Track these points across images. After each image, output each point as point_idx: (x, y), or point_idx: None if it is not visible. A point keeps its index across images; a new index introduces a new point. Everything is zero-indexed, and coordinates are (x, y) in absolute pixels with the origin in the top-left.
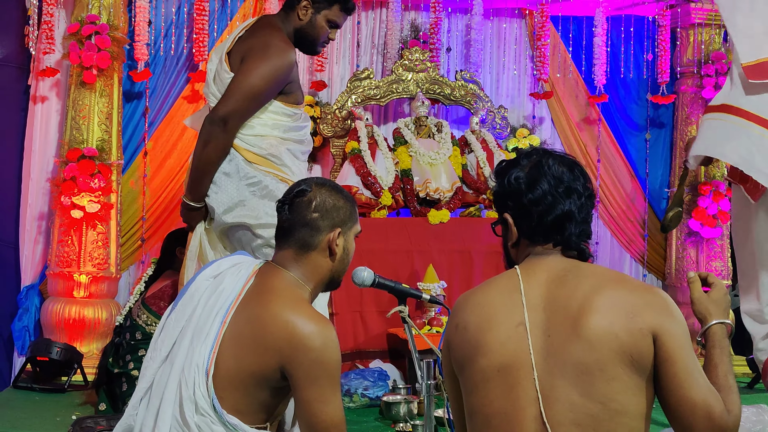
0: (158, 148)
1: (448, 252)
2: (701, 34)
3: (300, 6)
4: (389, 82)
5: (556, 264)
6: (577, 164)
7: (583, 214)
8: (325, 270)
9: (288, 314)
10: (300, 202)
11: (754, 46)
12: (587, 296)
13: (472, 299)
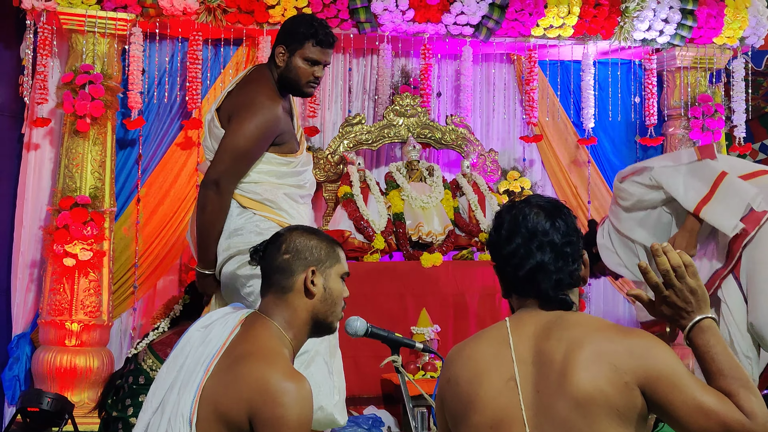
0: (151, 194)
1: (441, 295)
2: (687, 77)
3: (276, 53)
4: (381, 127)
5: (542, 316)
6: (559, 212)
7: (561, 263)
8: (305, 312)
9: (263, 369)
10: (272, 248)
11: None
12: (571, 350)
13: (463, 353)
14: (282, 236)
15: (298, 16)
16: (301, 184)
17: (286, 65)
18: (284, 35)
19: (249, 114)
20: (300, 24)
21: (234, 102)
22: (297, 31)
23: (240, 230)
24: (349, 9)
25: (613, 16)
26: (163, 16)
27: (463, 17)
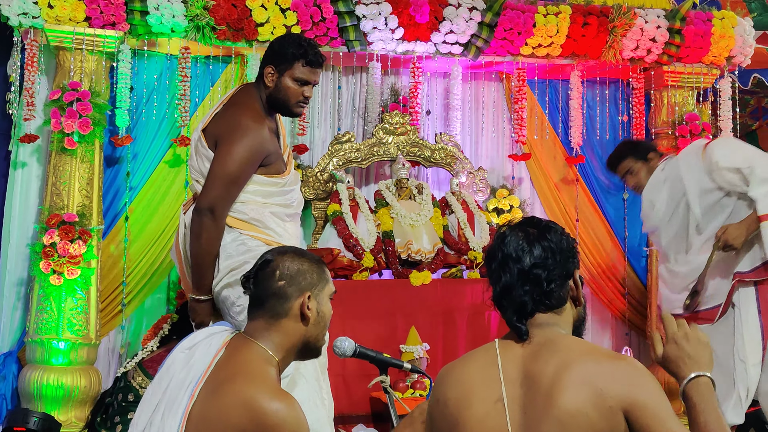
0: (139, 212)
1: (431, 313)
2: (675, 96)
3: (265, 73)
4: (370, 145)
5: (533, 338)
6: (542, 236)
7: (528, 287)
8: (298, 336)
9: (251, 391)
10: (264, 274)
11: None
12: (558, 372)
13: (452, 373)
14: (273, 261)
15: (286, 36)
16: (288, 203)
17: (275, 85)
18: (273, 55)
19: (237, 138)
20: (289, 44)
21: (220, 125)
22: (286, 52)
23: (227, 250)
24: (339, 27)
25: (601, 35)
26: (151, 34)
27: (452, 36)
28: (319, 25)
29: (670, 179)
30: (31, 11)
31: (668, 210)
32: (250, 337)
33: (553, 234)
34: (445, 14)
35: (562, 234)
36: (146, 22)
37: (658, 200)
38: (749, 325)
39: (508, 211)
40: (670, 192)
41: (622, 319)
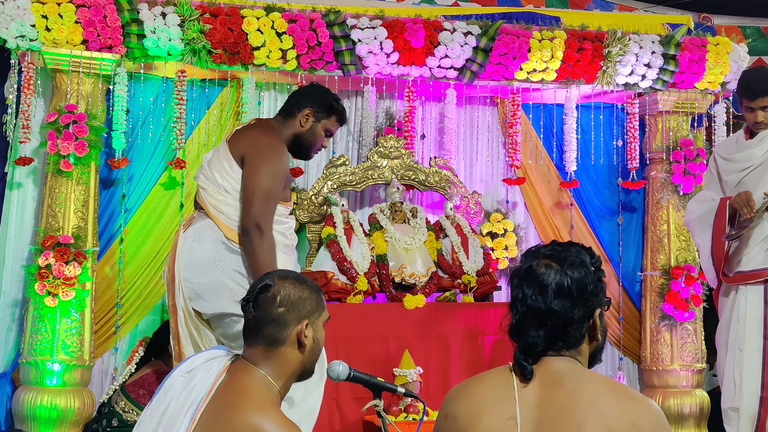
0: (135, 234)
1: (424, 337)
2: (669, 122)
3: (302, 114)
4: (365, 168)
5: (551, 366)
6: (566, 275)
7: (542, 332)
8: (296, 363)
9: (256, 419)
10: (264, 298)
11: None
12: (589, 402)
13: (464, 390)
14: (274, 286)
15: (326, 89)
16: (285, 232)
17: (309, 129)
18: (314, 101)
19: (270, 155)
20: (332, 98)
21: (247, 144)
22: (330, 104)
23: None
24: (334, 51)
25: (596, 60)
26: (148, 57)
27: (447, 60)
28: (314, 49)
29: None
30: (28, 34)
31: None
32: (250, 362)
33: (578, 271)
34: (440, 39)
35: (588, 270)
36: (143, 45)
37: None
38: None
39: (502, 235)
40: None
41: (617, 344)
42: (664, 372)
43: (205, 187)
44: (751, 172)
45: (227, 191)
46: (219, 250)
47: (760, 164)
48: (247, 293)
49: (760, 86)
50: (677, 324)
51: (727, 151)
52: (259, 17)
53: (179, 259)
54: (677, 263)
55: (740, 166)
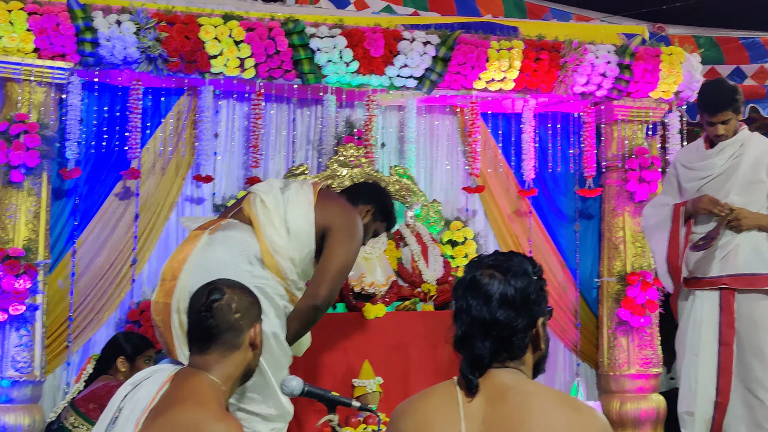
0: (87, 246)
1: (385, 347)
2: (624, 130)
3: (363, 207)
4: (325, 177)
5: (497, 378)
6: (510, 284)
7: (488, 342)
8: (243, 366)
9: (196, 413)
10: (220, 306)
11: None
12: (535, 415)
13: (410, 407)
14: (226, 294)
15: (388, 195)
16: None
17: (365, 224)
18: (379, 202)
19: (354, 234)
20: (392, 204)
21: (338, 215)
22: (389, 210)
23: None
24: (293, 60)
25: (553, 70)
26: (102, 65)
27: (407, 70)
28: (273, 58)
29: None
30: None
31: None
32: (199, 369)
33: (521, 281)
34: (400, 48)
35: (530, 279)
36: (97, 53)
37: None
38: (708, 322)
39: (462, 243)
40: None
41: (574, 350)
42: (621, 377)
43: (268, 206)
44: (710, 181)
45: (283, 234)
46: (240, 264)
47: (720, 174)
48: (199, 303)
49: (719, 101)
50: (634, 329)
51: (688, 159)
52: (217, 25)
53: (192, 262)
54: (633, 269)
55: (700, 174)
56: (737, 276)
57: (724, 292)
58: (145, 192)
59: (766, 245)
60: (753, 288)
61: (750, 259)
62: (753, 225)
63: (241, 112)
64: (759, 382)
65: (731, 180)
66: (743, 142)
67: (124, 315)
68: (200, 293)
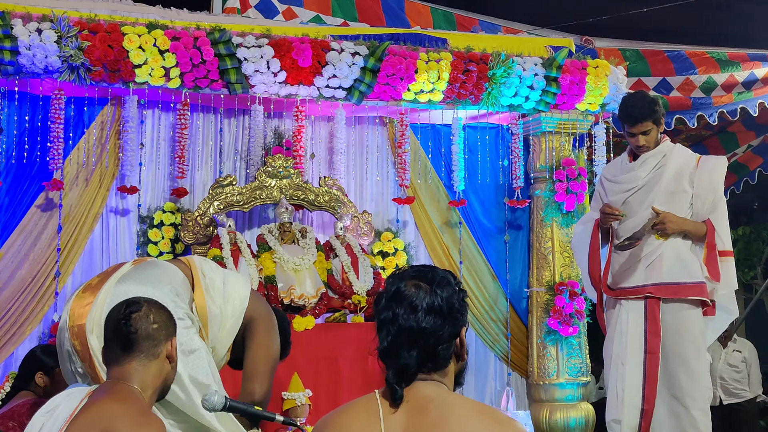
0: (9, 258)
1: (314, 359)
2: (552, 142)
3: None
4: (252, 188)
5: (419, 391)
6: (435, 294)
7: (414, 352)
8: (160, 378)
9: (118, 407)
10: (138, 317)
11: None
12: (456, 427)
13: (330, 421)
14: (143, 306)
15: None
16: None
17: None
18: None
19: (274, 324)
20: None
21: (258, 307)
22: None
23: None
24: (220, 70)
25: (481, 82)
26: (23, 74)
27: (335, 80)
28: (199, 68)
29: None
30: None
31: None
32: (120, 379)
33: (446, 291)
34: (328, 59)
35: (453, 290)
36: (17, 62)
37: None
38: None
39: (393, 254)
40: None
41: (505, 359)
42: (550, 386)
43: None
44: (635, 192)
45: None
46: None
47: (644, 185)
48: (117, 314)
49: (639, 112)
50: (562, 338)
51: (612, 173)
52: (141, 34)
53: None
54: (561, 279)
55: (624, 187)
56: (661, 285)
57: (650, 301)
58: (68, 203)
59: (689, 254)
60: (677, 297)
61: (674, 268)
62: (678, 229)
63: (166, 122)
64: (684, 390)
65: (654, 190)
66: (666, 153)
67: (48, 329)
68: (118, 307)
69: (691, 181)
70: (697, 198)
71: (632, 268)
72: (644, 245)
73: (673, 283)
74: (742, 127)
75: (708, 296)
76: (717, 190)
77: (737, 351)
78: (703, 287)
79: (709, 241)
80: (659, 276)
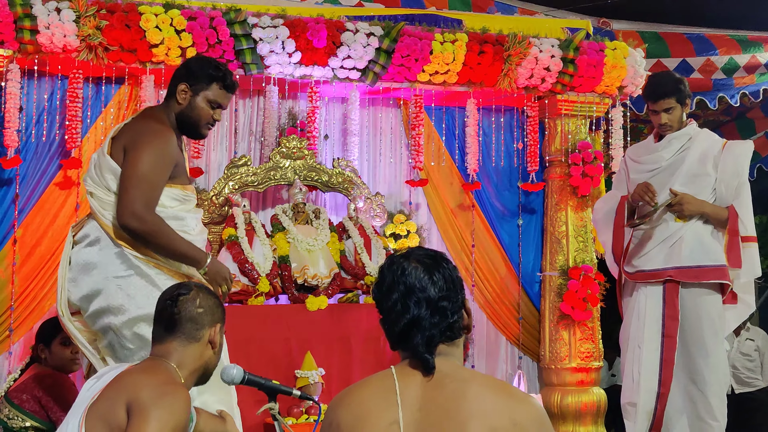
0: (28, 235)
1: (327, 338)
2: (568, 125)
3: (178, 91)
4: (267, 169)
5: (434, 365)
6: (437, 266)
7: (437, 319)
8: (203, 361)
9: (144, 376)
10: (185, 299)
11: None
12: (472, 402)
13: (346, 398)
14: (193, 290)
15: (204, 58)
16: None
17: (188, 104)
18: (189, 74)
19: (147, 140)
20: (208, 65)
21: (128, 134)
22: (205, 73)
23: (134, 295)
24: (235, 50)
25: (497, 63)
26: (42, 53)
27: (350, 61)
28: (215, 48)
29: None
30: None
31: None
32: (159, 357)
33: (448, 264)
34: (343, 39)
35: (452, 264)
36: (36, 41)
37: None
38: (651, 314)
39: (405, 237)
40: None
41: (516, 343)
42: (562, 370)
43: (93, 191)
44: (657, 174)
45: (111, 190)
46: (104, 254)
47: (667, 167)
48: (167, 295)
49: (662, 89)
50: (575, 323)
51: (637, 153)
52: (158, 14)
53: (64, 264)
54: (575, 264)
55: (647, 167)
56: (682, 268)
57: (668, 285)
58: None
59: (710, 238)
60: (697, 281)
61: (695, 251)
62: (696, 211)
63: None
64: (701, 375)
65: (677, 173)
66: (692, 135)
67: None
68: (170, 288)
69: (716, 165)
70: (721, 182)
71: (652, 250)
72: (664, 228)
73: (694, 266)
74: (761, 113)
75: (729, 280)
76: (741, 175)
77: (750, 340)
78: (725, 270)
79: (731, 227)
80: (679, 259)
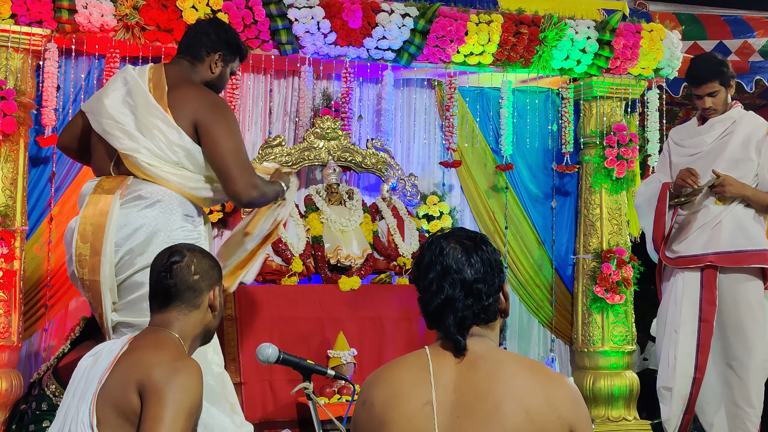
0: (64, 213)
1: (359, 319)
2: (603, 107)
3: (212, 60)
4: (301, 149)
5: (469, 347)
6: (476, 248)
7: (470, 301)
8: (202, 326)
9: (152, 354)
10: (180, 268)
11: None
12: (506, 383)
13: (381, 376)
14: (186, 256)
15: (232, 28)
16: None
17: (220, 74)
18: (223, 45)
19: (225, 113)
20: (238, 38)
21: (194, 107)
22: (238, 45)
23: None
24: (270, 30)
25: (533, 45)
26: (79, 33)
27: (385, 42)
28: (250, 28)
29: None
30: None
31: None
32: (160, 327)
33: (488, 247)
34: (378, 20)
35: (492, 247)
36: (74, 20)
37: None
38: (689, 299)
39: (438, 218)
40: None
41: (549, 325)
42: (594, 353)
43: (153, 163)
44: (699, 159)
45: (181, 165)
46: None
47: (709, 152)
48: (159, 265)
49: (703, 73)
50: (608, 306)
51: (680, 136)
52: None
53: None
54: (609, 247)
55: (689, 151)
56: (722, 254)
57: (707, 270)
58: None
59: (751, 222)
60: (737, 267)
61: (735, 235)
62: (737, 193)
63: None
64: (740, 360)
65: (720, 157)
66: (735, 119)
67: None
68: (161, 256)
69: (759, 150)
70: (763, 167)
71: (691, 234)
72: (705, 213)
73: (734, 251)
74: None
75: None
76: None
77: None
78: (766, 255)
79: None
80: (718, 244)
